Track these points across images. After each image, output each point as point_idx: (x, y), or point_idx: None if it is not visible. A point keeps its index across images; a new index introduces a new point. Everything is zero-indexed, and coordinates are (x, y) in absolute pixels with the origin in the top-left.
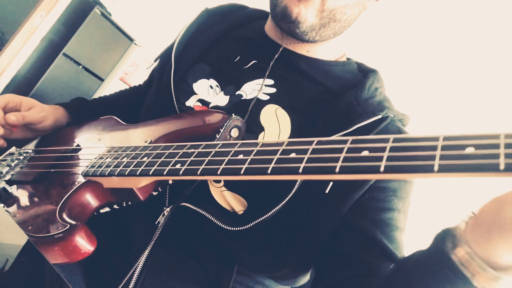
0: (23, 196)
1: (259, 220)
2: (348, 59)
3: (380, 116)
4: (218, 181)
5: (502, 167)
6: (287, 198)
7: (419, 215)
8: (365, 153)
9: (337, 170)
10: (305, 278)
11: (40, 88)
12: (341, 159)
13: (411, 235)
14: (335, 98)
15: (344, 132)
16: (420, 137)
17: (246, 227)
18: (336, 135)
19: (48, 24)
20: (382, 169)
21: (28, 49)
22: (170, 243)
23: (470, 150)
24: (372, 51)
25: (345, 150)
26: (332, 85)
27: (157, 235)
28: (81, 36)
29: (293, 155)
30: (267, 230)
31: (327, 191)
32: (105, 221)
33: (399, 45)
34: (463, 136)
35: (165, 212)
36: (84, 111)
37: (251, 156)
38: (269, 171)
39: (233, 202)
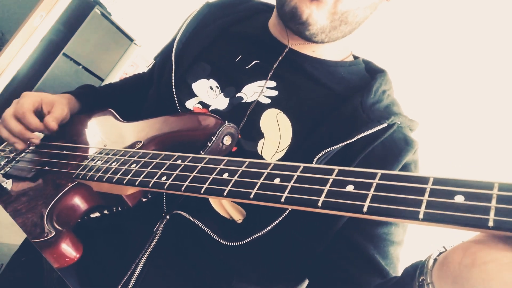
0: (17, 192)
1: (257, 235)
2: (355, 58)
3: (385, 125)
4: None
5: (491, 224)
6: (287, 211)
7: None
8: (350, 187)
9: (319, 204)
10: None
11: (40, 88)
12: (325, 192)
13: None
14: (340, 102)
15: (346, 142)
16: (409, 176)
17: (242, 242)
18: (338, 145)
19: (48, 24)
20: (365, 209)
21: (28, 49)
22: (167, 251)
23: (459, 199)
24: (379, 48)
25: (329, 182)
26: (338, 88)
27: (154, 242)
28: (81, 36)
29: (277, 180)
30: (265, 243)
31: None
32: (104, 225)
33: (409, 42)
34: (454, 181)
35: (162, 219)
36: (93, 99)
37: (235, 178)
38: (251, 196)
39: (231, 210)
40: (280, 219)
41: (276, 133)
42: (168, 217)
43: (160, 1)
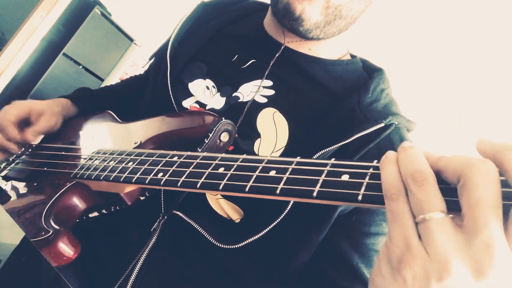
0: (15, 193)
1: (253, 239)
2: (352, 56)
3: (382, 125)
4: None
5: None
6: (285, 212)
7: None
8: (345, 177)
9: (314, 194)
10: None
11: (40, 88)
12: (320, 183)
13: None
14: (337, 101)
15: (343, 142)
16: None
17: (238, 245)
18: (335, 145)
19: (48, 24)
20: (360, 198)
21: (28, 49)
22: (165, 251)
23: None
24: (376, 47)
25: (324, 173)
26: (334, 87)
27: (152, 242)
28: (81, 36)
29: (272, 173)
30: (261, 246)
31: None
32: (102, 225)
33: (405, 40)
34: None
35: (160, 218)
36: (90, 102)
37: (231, 171)
38: (247, 189)
39: (229, 210)
40: (276, 222)
41: (273, 132)
42: (165, 217)
43: (160, 1)
